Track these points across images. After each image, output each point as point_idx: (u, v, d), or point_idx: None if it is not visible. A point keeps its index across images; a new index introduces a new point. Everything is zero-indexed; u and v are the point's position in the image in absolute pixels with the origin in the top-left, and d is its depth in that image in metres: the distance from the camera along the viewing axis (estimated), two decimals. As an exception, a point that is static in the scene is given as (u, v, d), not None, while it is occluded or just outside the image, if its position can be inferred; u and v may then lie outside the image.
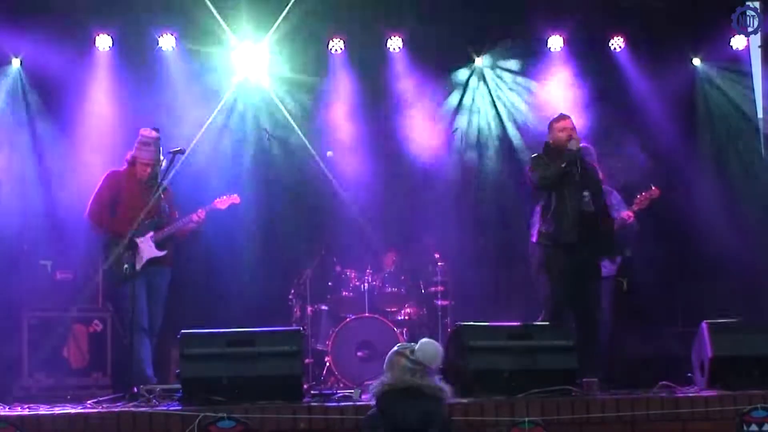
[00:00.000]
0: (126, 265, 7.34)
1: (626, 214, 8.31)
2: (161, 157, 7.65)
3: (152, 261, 7.60)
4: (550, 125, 7.63)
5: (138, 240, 7.49)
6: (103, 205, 7.56)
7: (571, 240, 7.20)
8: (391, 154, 9.93)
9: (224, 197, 8.04)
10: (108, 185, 7.61)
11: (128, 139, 8.92)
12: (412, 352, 4.98)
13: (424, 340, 5.15)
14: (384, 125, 9.95)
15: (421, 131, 9.99)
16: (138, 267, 7.40)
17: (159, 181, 7.49)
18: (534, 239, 7.57)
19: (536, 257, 7.56)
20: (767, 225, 9.51)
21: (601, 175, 8.22)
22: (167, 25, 9.32)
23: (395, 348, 5.08)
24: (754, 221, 9.52)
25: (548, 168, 7.30)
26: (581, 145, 8.26)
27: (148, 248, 7.58)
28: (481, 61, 10.00)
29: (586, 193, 7.23)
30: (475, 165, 10.01)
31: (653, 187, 8.34)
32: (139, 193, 7.57)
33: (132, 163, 7.68)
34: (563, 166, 7.24)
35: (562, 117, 7.61)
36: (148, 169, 7.65)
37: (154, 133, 7.69)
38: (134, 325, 7.24)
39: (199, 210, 7.80)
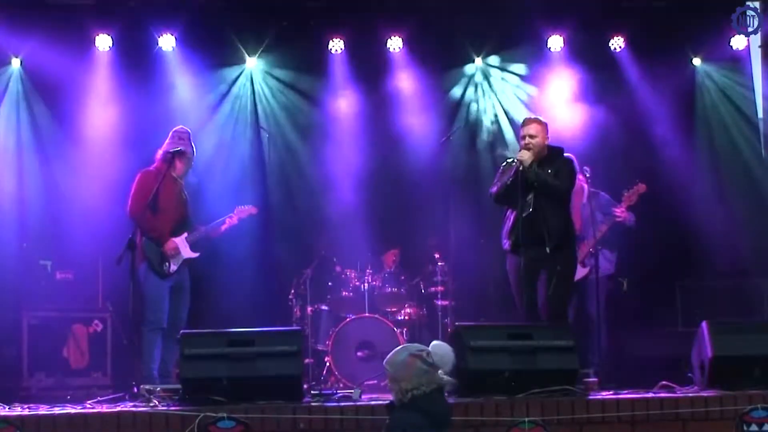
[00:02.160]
0: (167, 263, 7.37)
1: (619, 210, 8.32)
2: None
3: (185, 262, 7.59)
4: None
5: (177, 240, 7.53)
6: (145, 204, 7.36)
7: (509, 246, 7.23)
8: (391, 154, 9.93)
9: (243, 207, 8.03)
10: (148, 185, 7.42)
11: (128, 138, 8.96)
12: (428, 354, 4.98)
13: (436, 342, 5.15)
14: (384, 125, 9.95)
15: (421, 131, 10.00)
16: (175, 267, 7.41)
17: (158, 183, 7.42)
18: None
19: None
20: (766, 225, 9.51)
21: (581, 177, 8.23)
22: (167, 25, 9.32)
23: (407, 350, 5.05)
24: (754, 221, 9.52)
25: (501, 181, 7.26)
26: (566, 155, 8.25)
27: (184, 249, 7.56)
28: (481, 61, 10.01)
29: (530, 197, 7.12)
30: (475, 164, 10.01)
31: (639, 183, 8.34)
32: (173, 191, 7.50)
33: (169, 160, 7.49)
34: (508, 182, 7.16)
35: (525, 122, 7.37)
36: (190, 164, 7.64)
37: (187, 129, 7.72)
38: (150, 324, 7.34)
39: (234, 216, 7.86)
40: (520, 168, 7.10)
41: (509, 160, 7.37)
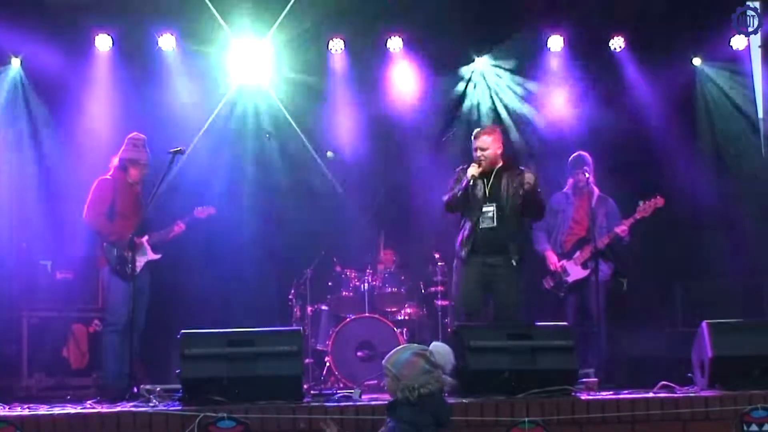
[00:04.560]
0: (129, 266, 7.43)
1: (621, 229, 8.28)
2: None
3: (147, 264, 7.71)
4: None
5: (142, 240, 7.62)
6: (101, 212, 7.61)
7: (465, 255, 7.29)
8: (391, 154, 9.93)
9: (202, 207, 8.11)
10: (103, 192, 7.64)
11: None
12: (431, 354, 4.98)
13: (436, 343, 5.17)
14: (384, 125, 9.95)
15: (422, 131, 10.01)
16: (138, 269, 7.46)
17: (158, 183, 7.47)
18: None
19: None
20: (767, 225, 9.50)
21: (591, 180, 8.27)
22: (167, 25, 9.32)
23: (410, 349, 5.05)
24: (754, 221, 9.52)
25: (453, 191, 7.35)
26: (578, 153, 8.34)
27: (146, 251, 7.70)
28: (481, 61, 10.00)
29: (489, 208, 7.22)
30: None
31: (658, 196, 8.29)
32: (130, 196, 7.70)
33: (123, 167, 7.72)
34: (458, 194, 7.28)
35: (479, 133, 7.44)
36: (145, 170, 7.76)
37: (143, 135, 7.84)
38: (110, 326, 7.51)
39: (180, 223, 7.92)
40: (471, 182, 7.23)
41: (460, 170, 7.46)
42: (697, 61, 9.97)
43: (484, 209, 7.25)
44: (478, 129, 7.57)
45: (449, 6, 9.41)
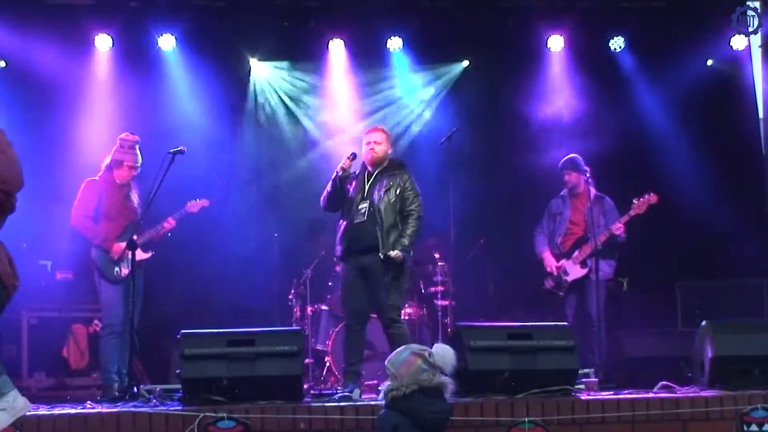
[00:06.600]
0: (117, 269, 7.45)
1: (616, 227, 8.28)
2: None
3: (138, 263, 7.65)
4: None
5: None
6: (86, 215, 7.55)
7: (340, 253, 7.27)
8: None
9: (195, 201, 8.03)
10: (90, 194, 7.58)
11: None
12: (430, 354, 4.99)
13: (439, 344, 5.18)
14: (383, 125, 9.93)
15: (421, 131, 10.01)
16: (126, 271, 7.44)
17: (157, 183, 7.44)
18: None
19: None
20: (766, 225, 9.50)
21: (586, 178, 8.27)
22: (167, 25, 9.32)
23: (409, 349, 5.06)
24: (754, 221, 9.52)
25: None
26: (571, 156, 8.37)
27: (137, 251, 7.62)
28: (480, 61, 10.00)
29: (363, 205, 7.19)
30: (475, 165, 10.00)
31: (651, 193, 8.30)
32: (117, 198, 7.62)
33: (111, 167, 7.63)
34: (329, 190, 7.29)
35: (369, 130, 7.49)
36: (134, 172, 7.67)
37: (136, 137, 7.73)
38: (105, 329, 7.46)
39: (169, 218, 7.81)
40: (340, 174, 7.22)
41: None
42: (697, 62, 9.95)
43: (360, 206, 7.20)
44: (372, 126, 7.67)
45: (449, 5, 9.41)
